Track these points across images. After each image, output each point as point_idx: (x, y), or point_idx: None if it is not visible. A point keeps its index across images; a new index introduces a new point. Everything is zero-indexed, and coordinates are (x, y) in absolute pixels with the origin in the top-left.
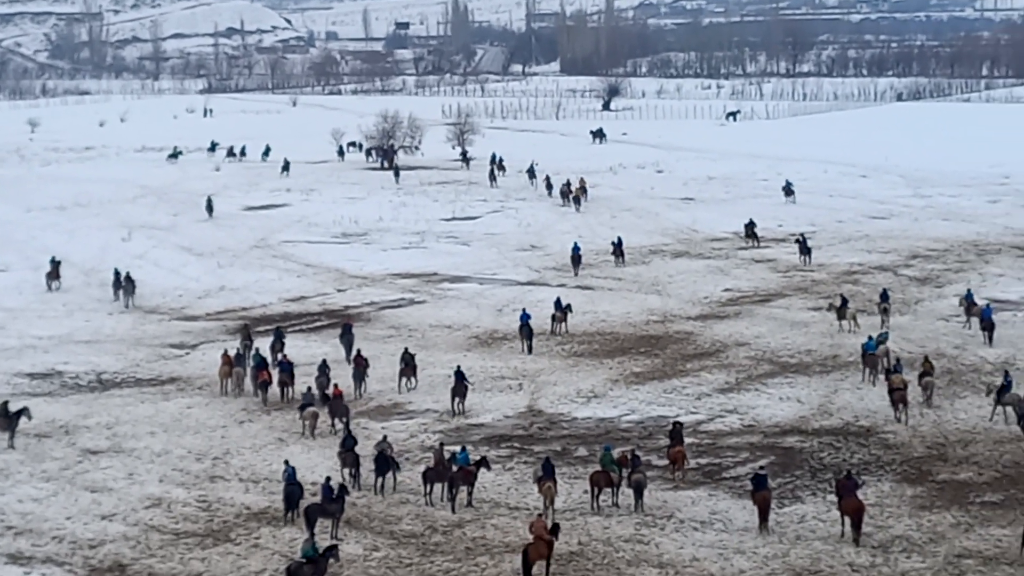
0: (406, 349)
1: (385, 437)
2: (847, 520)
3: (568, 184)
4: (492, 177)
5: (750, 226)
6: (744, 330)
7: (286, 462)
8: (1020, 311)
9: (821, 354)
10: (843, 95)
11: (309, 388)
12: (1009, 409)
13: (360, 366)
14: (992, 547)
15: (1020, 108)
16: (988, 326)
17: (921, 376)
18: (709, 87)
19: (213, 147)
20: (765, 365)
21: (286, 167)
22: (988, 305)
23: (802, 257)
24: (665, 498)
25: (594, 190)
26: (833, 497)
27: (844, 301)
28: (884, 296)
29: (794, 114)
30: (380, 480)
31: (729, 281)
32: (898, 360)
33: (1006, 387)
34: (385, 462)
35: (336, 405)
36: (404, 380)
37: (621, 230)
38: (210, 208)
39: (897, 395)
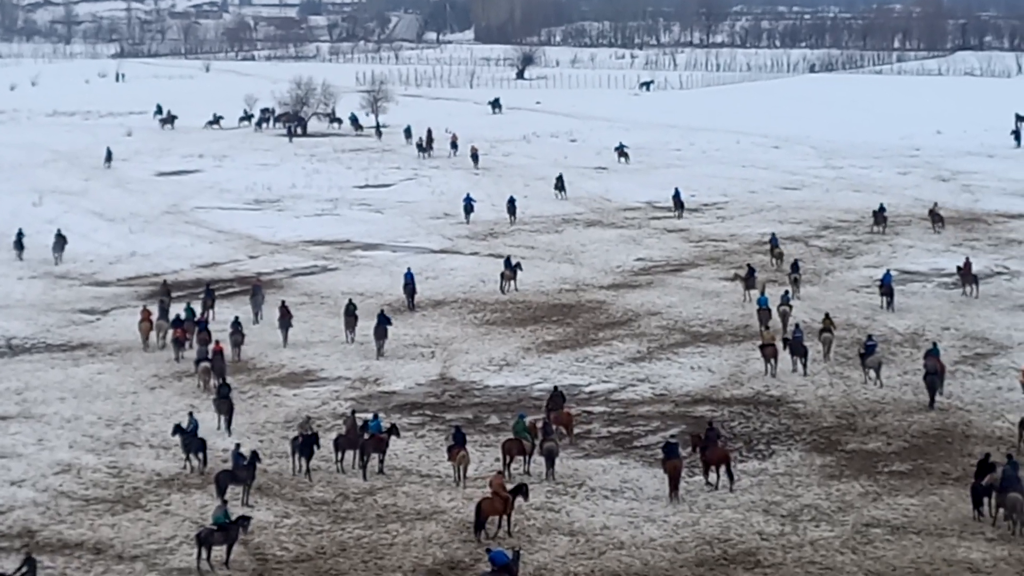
0: (350, 300)
1: (308, 418)
2: (717, 468)
3: (430, 134)
4: (421, 148)
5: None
6: (656, 299)
7: (190, 414)
8: (929, 282)
9: (732, 324)
10: (756, 66)
11: (204, 343)
12: (871, 371)
13: (284, 316)
14: (900, 516)
15: (931, 81)
16: (887, 291)
17: (821, 332)
18: (623, 57)
19: (160, 111)
20: (677, 334)
21: (169, 119)
22: (888, 272)
23: (677, 211)
24: (576, 466)
25: (507, 158)
26: (743, 466)
27: (751, 271)
28: (795, 267)
29: (707, 84)
30: (305, 464)
31: (641, 250)
32: (798, 326)
33: (869, 350)
34: (309, 445)
35: (216, 361)
36: (349, 332)
37: (535, 198)
38: (109, 158)
39: (768, 351)
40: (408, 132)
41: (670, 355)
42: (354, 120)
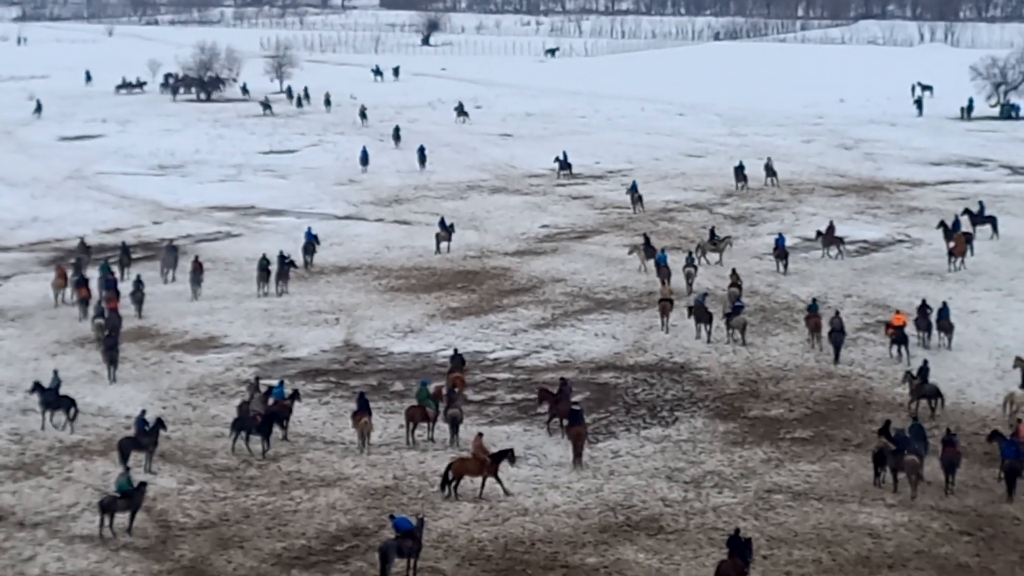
0: (263, 255)
1: (257, 387)
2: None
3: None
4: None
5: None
6: (561, 266)
7: (55, 372)
8: (833, 249)
9: (636, 291)
10: (661, 33)
11: (99, 301)
12: (736, 331)
13: (197, 271)
14: (802, 482)
15: (834, 49)
16: (782, 255)
17: (729, 287)
18: (528, 23)
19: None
20: (581, 301)
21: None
22: (781, 235)
23: (561, 172)
24: (481, 432)
25: (412, 125)
26: (646, 432)
27: (647, 241)
28: (712, 235)
29: (612, 52)
30: (266, 442)
31: (546, 217)
32: (705, 294)
33: (736, 311)
34: (269, 423)
35: (111, 318)
36: (261, 285)
37: (439, 164)
38: (38, 108)
39: (662, 305)
40: (289, 92)
41: (574, 322)
42: (245, 90)
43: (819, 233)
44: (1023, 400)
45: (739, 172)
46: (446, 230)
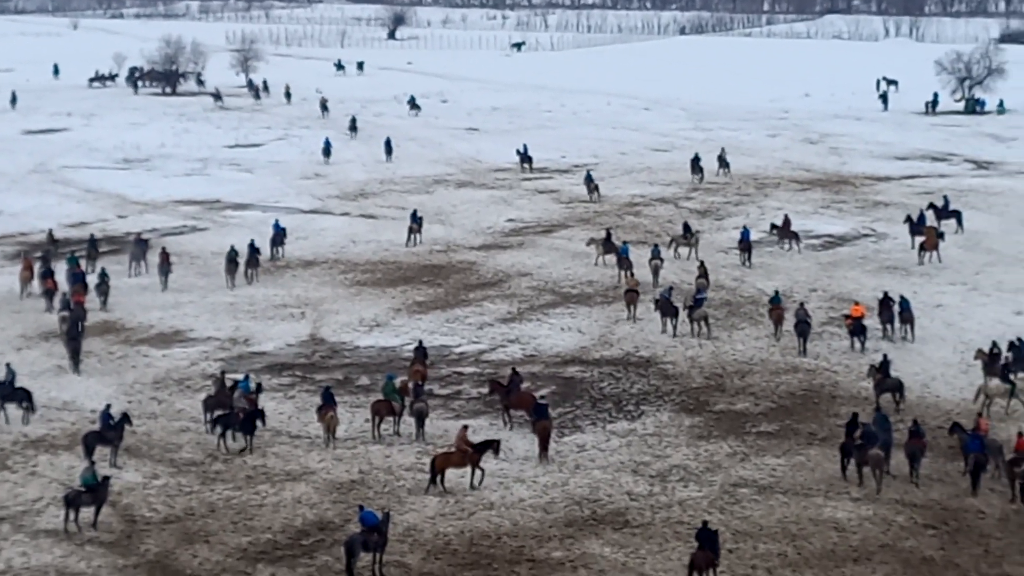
0: (232, 247)
1: (224, 373)
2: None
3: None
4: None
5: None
6: (527, 260)
7: (7, 365)
8: (788, 242)
9: (602, 285)
10: (627, 28)
11: (64, 294)
12: (702, 322)
13: (164, 263)
14: (767, 476)
15: (800, 44)
16: (746, 247)
17: (697, 279)
18: (495, 18)
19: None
20: (547, 295)
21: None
22: (746, 228)
23: (522, 165)
24: (446, 427)
25: (378, 119)
26: (612, 426)
27: (608, 235)
28: (687, 229)
29: (579, 46)
30: (248, 441)
31: (512, 211)
32: (671, 288)
33: (697, 303)
34: (251, 420)
35: (76, 310)
36: (229, 278)
37: (405, 158)
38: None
39: (628, 296)
40: (251, 85)
41: (540, 316)
42: (200, 82)
43: (774, 227)
44: (995, 392)
45: (695, 164)
46: (417, 223)
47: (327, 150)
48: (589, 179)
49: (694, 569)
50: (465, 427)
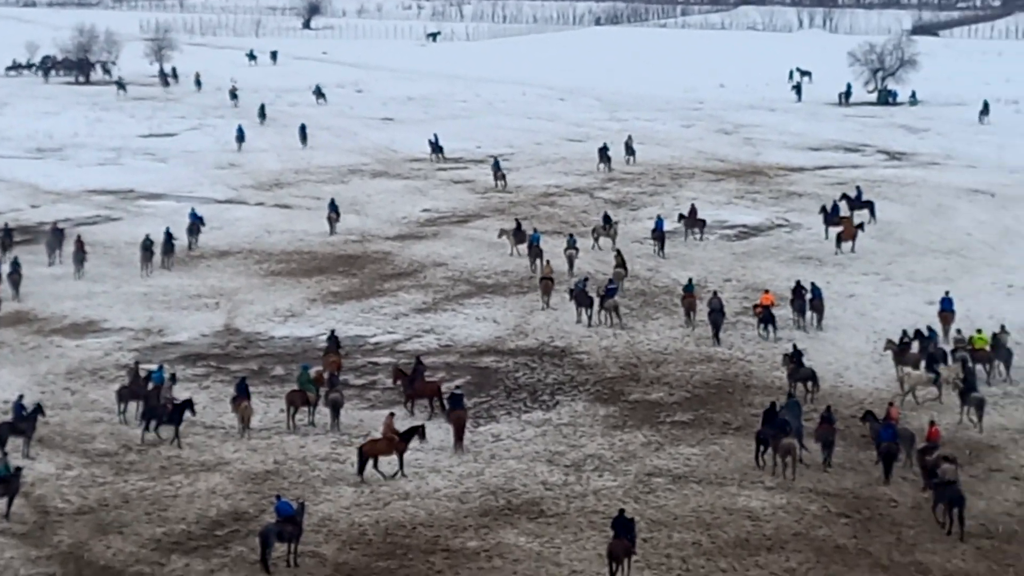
0: (167, 229)
1: (138, 363)
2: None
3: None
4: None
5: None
6: (442, 250)
7: None
8: (712, 234)
9: (517, 275)
10: (543, 18)
11: None
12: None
13: (79, 251)
14: (682, 465)
15: (714, 35)
16: (659, 237)
17: (615, 268)
18: (410, 7)
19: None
20: (462, 285)
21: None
22: (660, 217)
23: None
24: (362, 417)
25: (293, 109)
26: (527, 416)
27: (518, 225)
28: (607, 219)
29: (494, 36)
30: (176, 430)
31: (427, 201)
32: (586, 279)
33: (609, 292)
34: (180, 410)
35: None
36: (145, 266)
37: (320, 148)
38: None
39: (543, 284)
40: (162, 74)
41: (455, 306)
42: (107, 71)
43: (681, 216)
44: (919, 380)
45: (603, 153)
46: (335, 211)
47: (240, 137)
48: (496, 166)
49: (612, 559)
50: (391, 415)
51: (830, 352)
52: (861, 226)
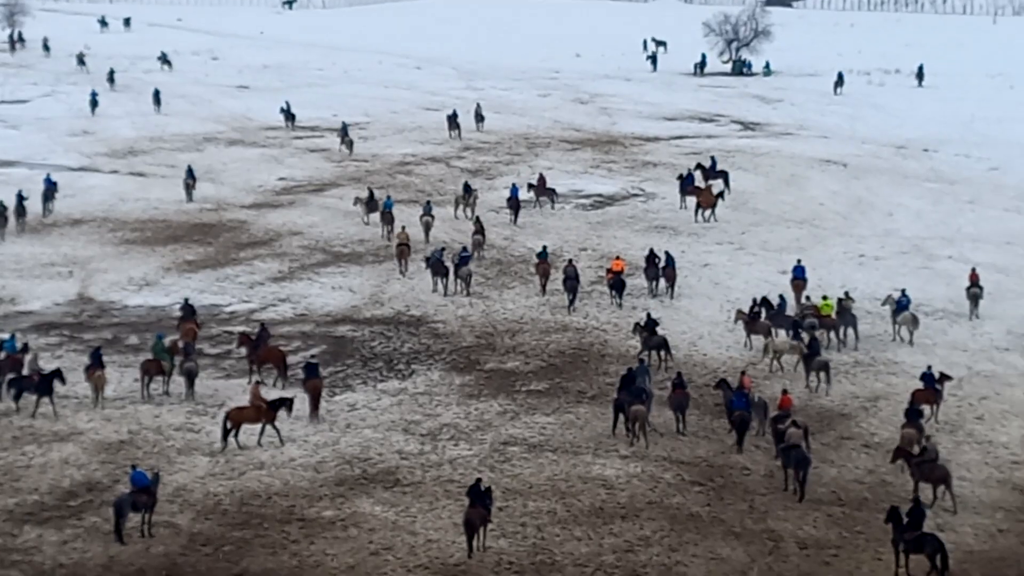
0: (19, 192)
1: (12, 339)
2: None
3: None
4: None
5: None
6: (298, 219)
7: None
8: (568, 204)
9: (374, 244)
10: None
11: None
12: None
13: None
14: (537, 434)
15: (571, 4)
16: (514, 205)
17: (474, 235)
18: None
19: None
20: (318, 254)
21: None
22: (515, 185)
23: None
24: (216, 386)
25: (147, 76)
26: (383, 385)
27: (371, 194)
28: (467, 188)
29: (350, 4)
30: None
31: (283, 170)
32: (443, 248)
33: (463, 260)
34: (48, 380)
35: None
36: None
37: (175, 116)
38: None
39: (399, 250)
40: (11, 39)
41: (311, 275)
42: None
43: (530, 186)
44: (782, 348)
45: (452, 121)
46: (192, 178)
47: (94, 103)
48: (344, 131)
49: (468, 528)
50: (258, 383)
51: (684, 321)
52: (721, 195)
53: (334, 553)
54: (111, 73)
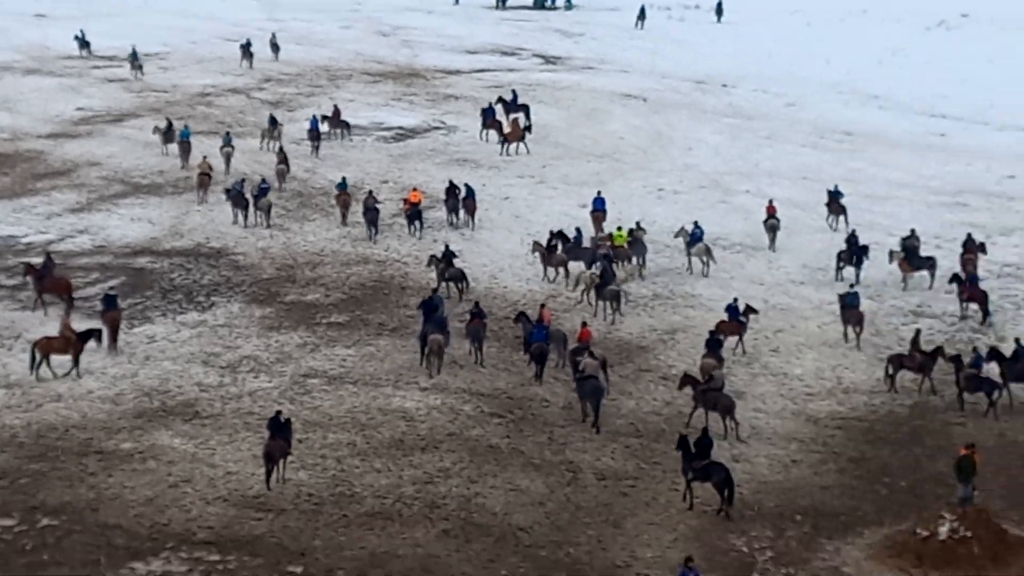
0: None
1: None
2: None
3: None
4: None
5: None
6: (96, 150)
7: None
8: (369, 136)
9: (173, 176)
10: None
11: None
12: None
13: None
14: (337, 367)
15: None
16: (315, 136)
17: (278, 165)
18: None
19: None
20: (117, 185)
21: None
22: (315, 116)
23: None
24: (13, 318)
25: None
26: (183, 318)
27: (169, 125)
28: (273, 121)
29: None
30: None
31: (82, 100)
32: (243, 180)
33: (261, 192)
34: None
35: None
36: None
37: None
38: None
39: (200, 179)
40: None
41: (110, 206)
42: None
43: (324, 117)
44: (589, 281)
45: (245, 50)
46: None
47: None
48: (134, 56)
49: (268, 459)
50: (68, 313)
51: (485, 254)
52: (529, 128)
53: (132, 485)
54: None
